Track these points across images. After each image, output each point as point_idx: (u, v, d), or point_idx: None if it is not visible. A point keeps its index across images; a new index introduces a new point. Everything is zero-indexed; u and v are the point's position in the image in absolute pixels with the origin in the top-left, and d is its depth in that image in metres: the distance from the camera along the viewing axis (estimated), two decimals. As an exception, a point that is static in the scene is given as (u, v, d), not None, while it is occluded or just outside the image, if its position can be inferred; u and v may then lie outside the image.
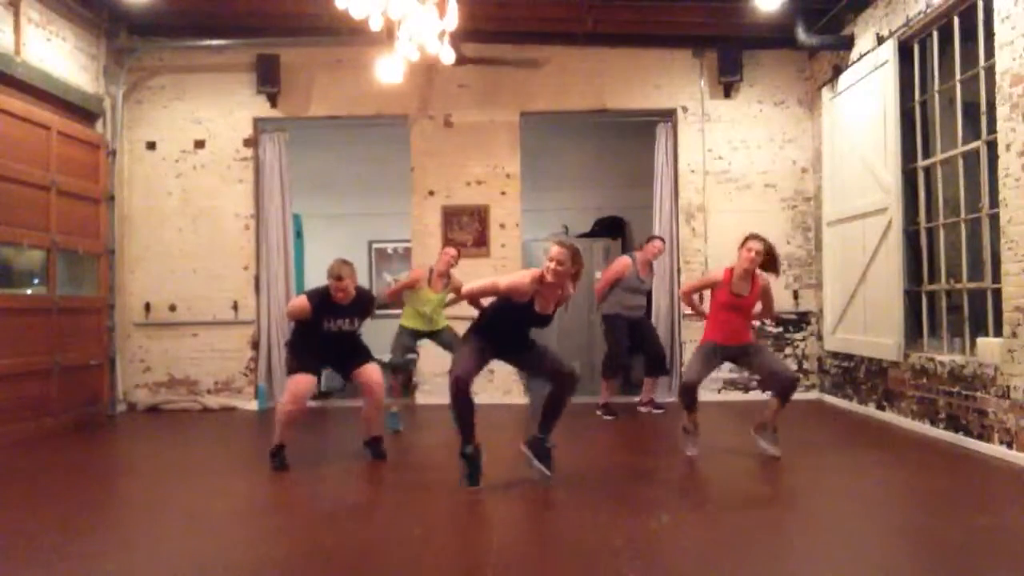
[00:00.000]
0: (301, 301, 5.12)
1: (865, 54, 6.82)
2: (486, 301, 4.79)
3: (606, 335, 7.12)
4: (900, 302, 6.28)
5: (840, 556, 3.38)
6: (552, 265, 4.27)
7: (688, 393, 5.21)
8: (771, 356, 5.31)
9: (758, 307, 5.35)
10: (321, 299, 5.04)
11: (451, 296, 6.42)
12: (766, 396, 7.74)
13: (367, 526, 3.94)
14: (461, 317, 6.23)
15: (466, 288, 4.73)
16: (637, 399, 7.45)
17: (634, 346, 7.14)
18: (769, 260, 5.10)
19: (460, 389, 4.37)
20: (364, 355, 5.27)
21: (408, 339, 6.49)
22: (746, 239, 5.15)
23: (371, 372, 5.19)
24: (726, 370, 7.55)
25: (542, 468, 4.54)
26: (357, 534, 3.78)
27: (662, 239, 7.31)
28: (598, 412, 6.96)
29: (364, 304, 5.19)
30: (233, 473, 5.16)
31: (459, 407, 4.41)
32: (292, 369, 5.13)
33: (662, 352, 7.28)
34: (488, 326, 4.59)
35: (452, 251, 6.47)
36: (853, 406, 7.19)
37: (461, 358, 4.51)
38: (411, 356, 6.68)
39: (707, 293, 5.48)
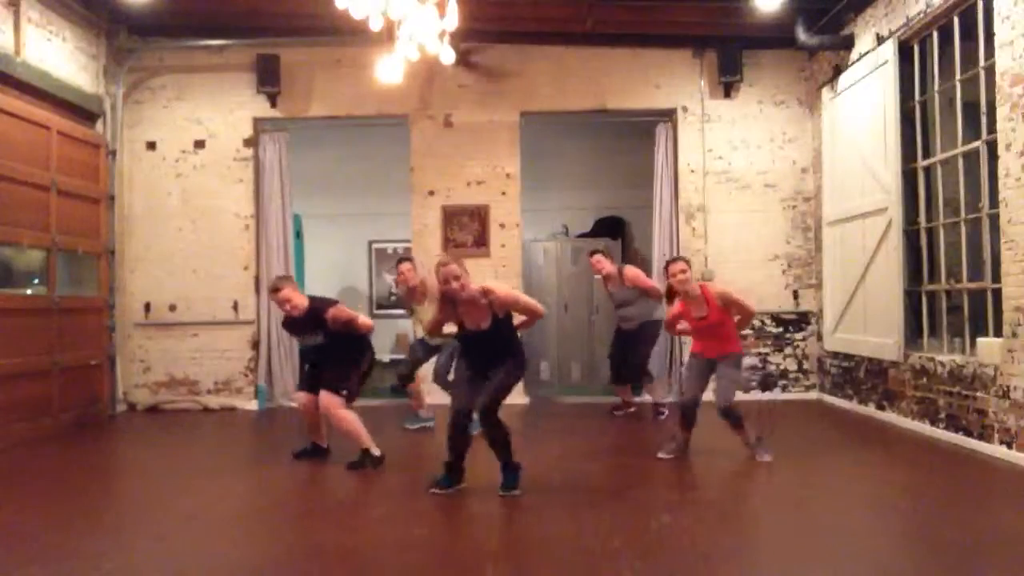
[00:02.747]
0: None
1: (865, 54, 6.82)
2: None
3: None
4: (900, 302, 6.28)
5: (840, 556, 3.38)
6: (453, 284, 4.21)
7: (687, 413, 5.22)
8: (723, 378, 5.20)
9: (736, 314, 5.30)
10: (285, 316, 5.21)
11: None
12: (766, 396, 7.85)
13: (367, 526, 3.95)
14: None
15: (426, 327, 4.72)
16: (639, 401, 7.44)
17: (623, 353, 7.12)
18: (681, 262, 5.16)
19: (454, 423, 4.36)
20: (328, 379, 5.11)
21: (419, 349, 6.51)
22: (666, 266, 5.23)
23: (322, 400, 5.07)
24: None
25: (510, 494, 4.36)
26: (357, 534, 3.78)
27: (597, 253, 7.05)
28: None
29: (316, 317, 5.07)
30: (233, 473, 5.16)
31: (451, 439, 4.38)
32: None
33: (634, 362, 6.98)
34: (462, 349, 4.56)
35: (401, 266, 6.48)
36: (853, 406, 7.19)
37: (456, 392, 4.51)
38: (410, 372, 6.61)
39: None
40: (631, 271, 6.91)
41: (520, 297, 4.48)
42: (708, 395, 7.80)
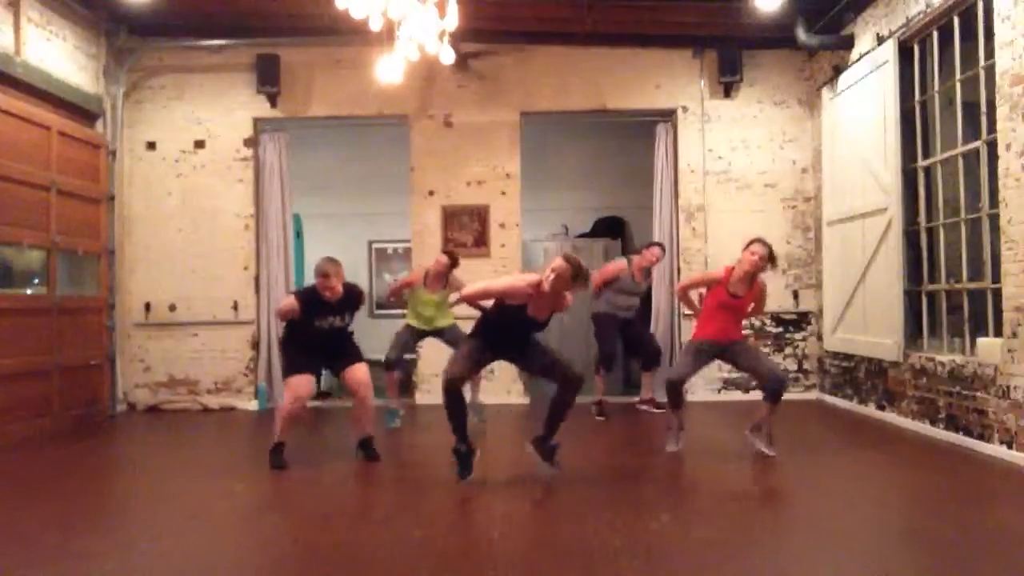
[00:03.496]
0: (290, 301, 5.18)
1: (865, 54, 6.82)
2: (487, 303, 4.81)
3: (596, 333, 7.12)
4: (900, 302, 6.28)
5: (840, 556, 3.38)
6: (551, 276, 4.34)
7: (675, 390, 5.23)
8: (758, 355, 5.28)
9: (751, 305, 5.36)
10: (309, 297, 5.09)
11: (454, 296, 6.45)
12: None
13: (366, 526, 3.95)
14: (468, 317, 6.28)
15: (464, 291, 4.77)
16: (637, 399, 7.45)
17: (628, 344, 7.20)
18: (769, 260, 5.13)
19: (448, 389, 4.46)
20: (353, 355, 5.26)
21: (408, 336, 6.57)
22: (751, 243, 5.16)
23: (357, 372, 5.19)
24: (726, 370, 7.56)
25: (550, 468, 4.58)
26: (356, 535, 3.78)
27: (662, 247, 7.25)
28: (592, 411, 6.97)
29: (353, 300, 5.20)
30: (233, 473, 5.15)
31: (448, 406, 4.50)
32: (289, 370, 5.17)
33: (657, 346, 7.35)
34: (487, 328, 4.67)
35: (443, 260, 6.47)
36: (853, 406, 7.19)
37: (455, 359, 4.64)
38: (408, 356, 6.68)
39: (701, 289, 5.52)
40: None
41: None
42: (709, 395, 7.87)
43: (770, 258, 5.11)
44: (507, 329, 4.60)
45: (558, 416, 4.61)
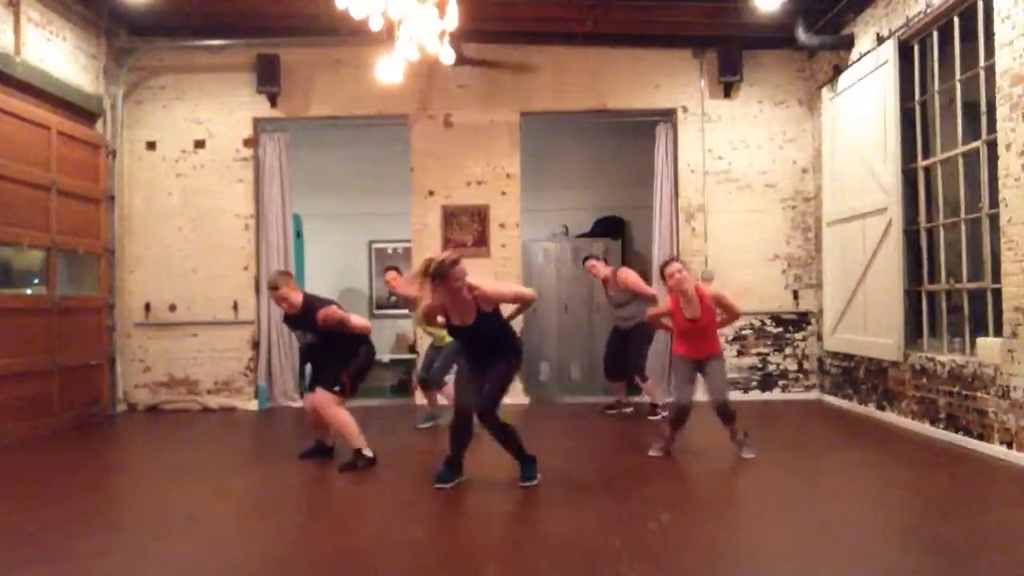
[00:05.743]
0: None
1: (865, 54, 6.82)
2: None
3: None
4: (900, 302, 6.28)
5: (840, 556, 3.38)
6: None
7: (682, 414, 5.25)
8: (716, 376, 5.26)
9: (721, 314, 5.34)
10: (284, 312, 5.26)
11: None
12: (765, 396, 7.90)
13: (367, 527, 3.95)
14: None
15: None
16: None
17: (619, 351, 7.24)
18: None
19: (456, 424, 4.47)
20: (323, 379, 5.16)
21: (432, 352, 6.69)
22: (663, 266, 5.26)
23: (315, 396, 5.14)
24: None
25: (530, 484, 4.48)
26: (356, 534, 3.79)
27: (591, 259, 7.23)
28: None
29: (309, 318, 5.04)
30: (233, 473, 5.16)
31: (456, 433, 4.48)
32: None
33: (634, 364, 7.05)
34: (458, 344, 4.74)
35: (387, 275, 6.71)
36: (853, 406, 7.19)
37: (458, 389, 4.61)
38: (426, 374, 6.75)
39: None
40: (624, 274, 6.96)
41: (504, 291, 4.60)
42: (699, 395, 7.85)
43: (675, 262, 5.20)
44: (463, 344, 4.63)
45: (504, 447, 4.54)
